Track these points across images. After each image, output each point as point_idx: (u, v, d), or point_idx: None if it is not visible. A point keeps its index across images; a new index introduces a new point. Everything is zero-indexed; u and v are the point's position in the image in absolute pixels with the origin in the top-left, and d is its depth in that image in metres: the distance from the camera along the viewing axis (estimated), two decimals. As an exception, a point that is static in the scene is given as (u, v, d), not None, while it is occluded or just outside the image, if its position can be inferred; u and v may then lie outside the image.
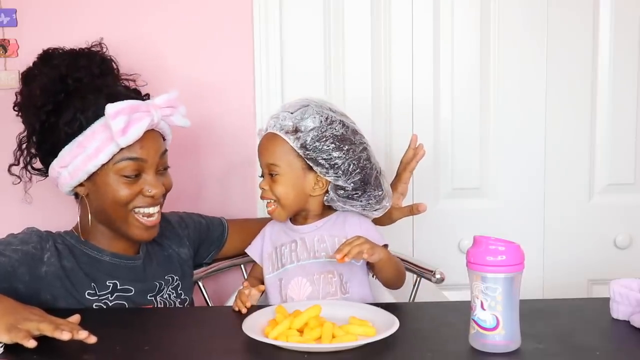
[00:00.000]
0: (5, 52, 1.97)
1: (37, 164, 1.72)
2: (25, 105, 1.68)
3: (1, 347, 1.31)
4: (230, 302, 1.77)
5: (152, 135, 1.62)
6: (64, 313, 1.41)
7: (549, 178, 2.15)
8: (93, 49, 1.76)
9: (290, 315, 1.40)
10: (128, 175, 1.59)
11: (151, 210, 1.62)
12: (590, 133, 2.15)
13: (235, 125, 2.04)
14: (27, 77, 1.70)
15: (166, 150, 1.68)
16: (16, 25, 1.97)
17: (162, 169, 1.66)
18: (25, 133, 1.70)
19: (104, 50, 1.77)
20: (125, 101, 1.56)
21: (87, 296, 1.59)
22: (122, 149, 1.57)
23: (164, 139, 1.69)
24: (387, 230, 1.80)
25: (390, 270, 1.61)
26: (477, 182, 2.16)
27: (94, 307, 1.59)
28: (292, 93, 2.03)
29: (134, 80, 1.80)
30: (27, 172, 1.73)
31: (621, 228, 2.17)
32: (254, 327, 1.37)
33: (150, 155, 1.61)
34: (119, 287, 1.63)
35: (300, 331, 1.35)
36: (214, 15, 2.02)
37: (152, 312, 1.64)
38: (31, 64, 1.71)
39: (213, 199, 2.05)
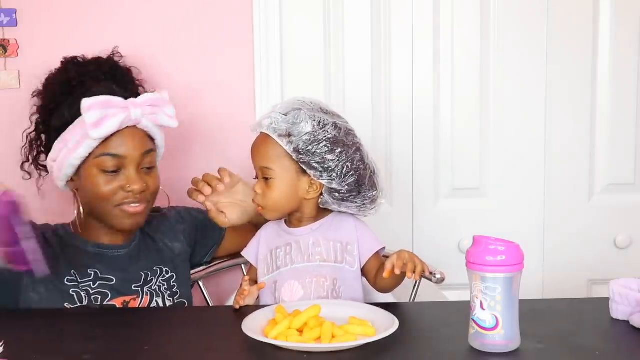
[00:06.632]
0: (5, 52, 1.97)
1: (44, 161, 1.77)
2: (39, 105, 1.77)
3: (1, 346, 1.31)
4: (230, 302, 1.77)
5: (134, 132, 1.64)
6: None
7: (549, 178, 2.15)
8: (114, 57, 1.84)
9: (290, 315, 1.40)
10: (107, 170, 1.62)
11: (134, 205, 1.64)
12: (590, 133, 2.15)
13: (236, 126, 2.04)
14: (46, 80, 1.78)
15: (152, 150, 1.68)
16: (16, 25, 1.97)
17: (145, 168, 1.66)
18: (33, 130, 1.77)
19: (119, 59, 1.84)
20: (101, 96, 1.60)
21: (66, 282, 1.62)
22: (102, 144, 1.61)
23: (152, 139, 1.69)
24: (386, 229, 1.80)
25: (399, 279, 1.56)
26: (477, 182, 2.16)
27: (71, 292, 1.61)
28: (292, 93, 2.02)
29: (143, 87, 1.87)
30: (37, 169, 1.79)
31: (621, 228, 2.17)
32: (254, 327, 1.37)
33: (130, 152, 1.63)
34: (100, 276, 1.65)
35: (300, 331, 1.35)
36: (214, 16, 2.02)
37: (152, 312, 1.64)
38: (53, 70, 1.79)
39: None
